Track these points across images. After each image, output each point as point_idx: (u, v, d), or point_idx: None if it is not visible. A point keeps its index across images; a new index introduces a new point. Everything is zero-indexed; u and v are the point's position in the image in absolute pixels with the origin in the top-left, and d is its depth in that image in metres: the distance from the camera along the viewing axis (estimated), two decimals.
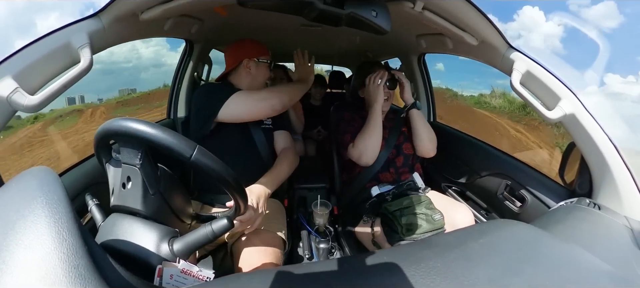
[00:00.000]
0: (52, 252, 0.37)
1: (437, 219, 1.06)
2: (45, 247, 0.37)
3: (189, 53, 1.68)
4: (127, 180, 0.60)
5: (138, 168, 0.59)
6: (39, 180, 0.47)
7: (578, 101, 0.82)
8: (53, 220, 0.40)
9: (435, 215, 1.07)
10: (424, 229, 1.03)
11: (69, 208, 0.43)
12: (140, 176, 0.59)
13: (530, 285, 0.49)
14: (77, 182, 0.95)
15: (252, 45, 1.23)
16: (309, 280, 0.46)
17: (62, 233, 0.39)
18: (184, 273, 0.55)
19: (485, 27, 0.87)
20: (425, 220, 1.05)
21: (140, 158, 0.58)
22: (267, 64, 1.24)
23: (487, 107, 8.59)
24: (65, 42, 0.70)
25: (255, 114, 1.08)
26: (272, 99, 1.06)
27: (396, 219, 1.08)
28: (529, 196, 1.09)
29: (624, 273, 0.55)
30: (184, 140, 0.54)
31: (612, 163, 0.79)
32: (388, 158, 1.33)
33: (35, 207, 0.41)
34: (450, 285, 0.47)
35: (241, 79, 1.21)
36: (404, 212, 1.09)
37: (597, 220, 0.75)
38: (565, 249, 0.60)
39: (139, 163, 0.58)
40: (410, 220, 1.05)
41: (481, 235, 0.62)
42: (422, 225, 1.04)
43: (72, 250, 0.38)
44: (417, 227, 1.04)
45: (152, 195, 0.60)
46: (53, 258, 0.37)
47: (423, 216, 1.07)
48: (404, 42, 1.63)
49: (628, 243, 0.66)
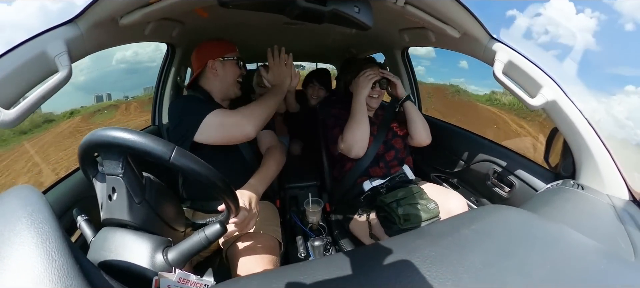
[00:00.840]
0: (42, 274, 0.35)
1: (432, 208, 1.08)
2: (34, 270, 0.36)
3: (171, 57, 1.64)
4: (112, 191, 0.59)
5: (121, 178, 0.57)
6: (21, 200, 0.45)
7: (559, 88, 0.85)
8: (40, 241, 0.38)
9: (430, 205, 1.09)
10: (421, 218, 1.06)
11: (57, 226, 0.41)
12: (124, 186, 0.57)
13: (523, 266, 0.51)
14: (63, 198, 0.92)
15: (215, 44, 1.16)
16: (307, 279, 0.46)
17: (51, 254, 0.37)
18: (181, 282, 0.54)
19: (467, 20, 0.88)
20: (421, 210, 1.07)
21: (121, 167, 0.57)
22: (234, 61, 1.17)
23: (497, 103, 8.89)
24: (40, 51, 0.66)
25: (229, 140, 1.02)
26: (244, 125, 0.99)
27: (393, 211, 1.10)
28: (517, 181, 1.13)
29: (609, 248, 0.58)
30: (161, 142, 0.53)
31: (593, 146, 0.82)
32: (377, 153, 1.34)
33: (20, 229, 0.39)
34: (446, 272, 0.48)
35: (210, 82, 1.15)
36: (400, 203, 1.11)
37: (582, 200, 0.78)
38: (553, 229, 0.62)
39: (121, 172, 0.57)
40: (407, 211, 1.07)
41: (473, 222, 0.64)
42: (418, 214, 1.06)
43: (64, 271, 0.36)
44: (414, 217, 1.06)
45: (138, 204, 0.59)
46: (44, 281, 0.35)
47: (418, 206, 1.09)
48: (387, 37, 1.65)
49: (611, 220, 0.69)
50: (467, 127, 1.67)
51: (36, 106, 0.63)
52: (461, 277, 0.47)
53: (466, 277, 0.46)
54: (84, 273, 0.39)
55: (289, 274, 0.47)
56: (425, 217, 1.06)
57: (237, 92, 1.19)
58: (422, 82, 14.08)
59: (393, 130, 1.41)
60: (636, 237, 0.61)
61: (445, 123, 1.79)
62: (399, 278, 0.45)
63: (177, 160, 0.54)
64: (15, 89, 0.64)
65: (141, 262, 0.54)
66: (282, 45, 1.18)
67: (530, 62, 0.88)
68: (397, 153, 1.38)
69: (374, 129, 1.34)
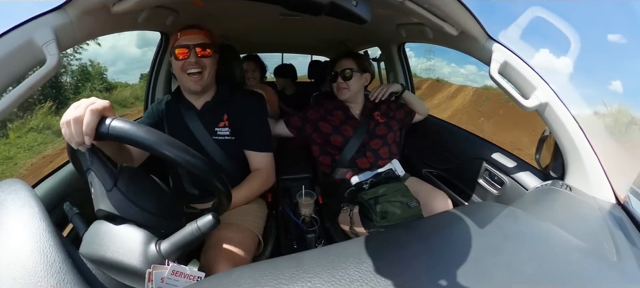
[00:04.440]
0: (35, 270, 0.35)
1: (413, 206, 1.06)
2: (26, 266, 0.35)
3: (164, 46, 1.60)
4: (90, 184, 0.59)
5: (91, 168, 0.57)
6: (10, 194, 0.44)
7: (551, 91, 0.86)
8: (30, 235, 0.38)
9: (411, 203, 1.07)
10: (398, 217, 1.04)
11: (47, 221, 0.41)
12: (95, 175, 0.58)
13: (511, 262, 0.52)
14: (53, 192, 0.90)
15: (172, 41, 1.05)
16: (298, 270, 0.46)
17: (42, 249, 0.37)
18: (175, 275, 0.55)
19: (465, 18, 0.88)
20: (399, 208, 1.06)
21: (89, 157, 0.57)
22: (182, 48, 1.01)
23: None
24: (27, 39, 0.64)
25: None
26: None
27: (371, 207, 1.09)
28: (508, 179, 1.15)
29: (593, 247, 0.60)
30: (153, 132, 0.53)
31: (582, 149, 0.84)
32: (363, 142, 1.36)
33: (9, 224, 0.39)
34: (435, 266, 0.49)
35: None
36: (379, 200, 1.09)
37: (570, 201, 0.81)
38: (541, 228, 0.65)
39: (90, 161, 0.57)
40: (385, 208, 1.06)
41: (463, 218, 0.65)
42: (396, 212, 1.05)
43: (56, 266, 0.36)
44: (392, 215, 1.05)
45: (109, 191, 0.58)
46: (36, 277, 0.35)
47: (398, 204, 1.07)
48: (384, 31, 1.64)
49: (597, 221, 0.72)
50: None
51: (24, 97, 0.61)
52: (450, 271, 0.48)
53: (454, 272, 0.48)
54: (77, 268, 0.38)
55: (279, 265, 0.48)
56: (403, 215, 1.04)
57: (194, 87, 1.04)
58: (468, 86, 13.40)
59: (375, 119, 1.42)
60: (619, 238, 0.63)
61: (438, 119, 1.81)
62: (388, 271, 0.46)
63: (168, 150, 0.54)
64: (1, 79, 0.61)
65: (134, 255, 0.54)
66: (278, 36, 1.16)
67: (525, 64, 0.89)
68: (383, 142, 1.39)
69: (355, 123, 1.39)
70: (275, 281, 0.43)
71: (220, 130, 1.09)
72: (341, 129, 1.38)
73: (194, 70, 1.01)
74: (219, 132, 1.09)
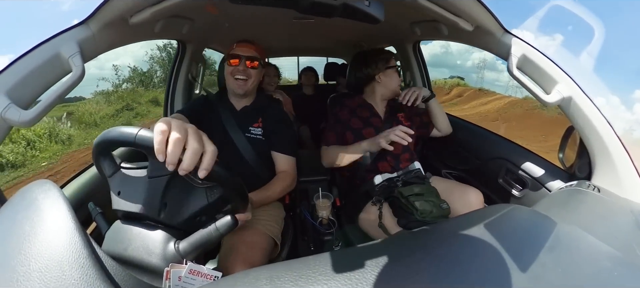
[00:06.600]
0: (62, 261, 0.39)
1: (444, 208, 1.10)
2: (54, 258, 0.40)
3: (182, 54, 1.66)
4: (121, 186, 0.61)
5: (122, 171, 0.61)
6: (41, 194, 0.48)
7: (575, 84, 0.81)
8: (59, 231, 0.42)
9: (442, 204, 1.11)
10: (433, 216, 1.07)
11: (74, 219, 0.44)
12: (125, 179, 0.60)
13: (533, 268, 0.49)
14: (78, 192, 0.96)
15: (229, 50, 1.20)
16: (315, 272, 0.46)
17: (69, 244, 0.41)
18: (192, 274, 0.56)
19: (479, 12, 0.85)
20: (435, 207, 1.09)
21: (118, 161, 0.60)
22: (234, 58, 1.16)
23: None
24: (55, 52, 0.69)
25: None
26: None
27: (410, 203, 1.11)
28: (530, 180, 1.10)
29: (625, 255, 0.55)
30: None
31: (611, 147, 0.79)
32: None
33: (40, 220, 0.43)
34: (460, 271, 0.47)
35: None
36: (418, 198, 1.13)
37: (598, 203, 0.75)
38: (566, 231, 0.60)
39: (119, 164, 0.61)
40: (424, 207, 1.09)
41: (483, 220, 0.62)
42: (433, 211, 1.08)
43: (81, 261, 0.40)
44: (429, 214, 1.08)
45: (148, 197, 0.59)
46: (63, 268, 0.39)
47: (432, 203, 1.11)
48: (398, 30, 1.62)
49: (629, 225, 0.66)
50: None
51: (51, 106, 0.65)
52: (470, 275, 0.46)
53: (475, 276, 0.46)
54: (99, 263, 0.41)
55: (297, 267, 0.48)
56: (438, 214, 1.08)
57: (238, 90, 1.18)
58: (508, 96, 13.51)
59: (399, 121, 1.40)
60: None
61: (457, 119, 1.75)
62: (409, 275, 0.45)
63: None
64: (32, 90, 0.66)
65: (153, 253, 0.56)
66: (293, 40, 1.20)
67: (545, 57, 0.84)
68: (405, 146, 1.36)
69: (379, 121, 1.37)
70: (292, 282, 0.43)
71: (253, 130, 1.20)
72: (369, 123, 1.37)
73: (241, 77, 1.15)
74: (252, 131, 1.20)
